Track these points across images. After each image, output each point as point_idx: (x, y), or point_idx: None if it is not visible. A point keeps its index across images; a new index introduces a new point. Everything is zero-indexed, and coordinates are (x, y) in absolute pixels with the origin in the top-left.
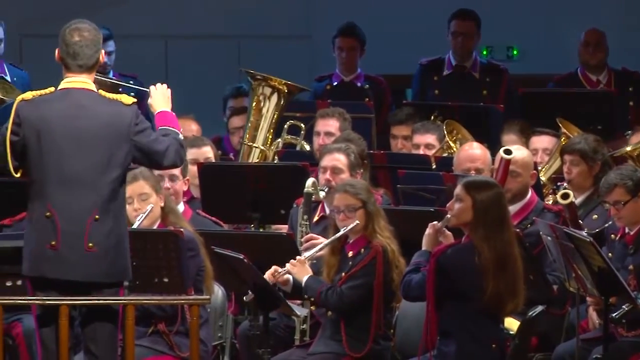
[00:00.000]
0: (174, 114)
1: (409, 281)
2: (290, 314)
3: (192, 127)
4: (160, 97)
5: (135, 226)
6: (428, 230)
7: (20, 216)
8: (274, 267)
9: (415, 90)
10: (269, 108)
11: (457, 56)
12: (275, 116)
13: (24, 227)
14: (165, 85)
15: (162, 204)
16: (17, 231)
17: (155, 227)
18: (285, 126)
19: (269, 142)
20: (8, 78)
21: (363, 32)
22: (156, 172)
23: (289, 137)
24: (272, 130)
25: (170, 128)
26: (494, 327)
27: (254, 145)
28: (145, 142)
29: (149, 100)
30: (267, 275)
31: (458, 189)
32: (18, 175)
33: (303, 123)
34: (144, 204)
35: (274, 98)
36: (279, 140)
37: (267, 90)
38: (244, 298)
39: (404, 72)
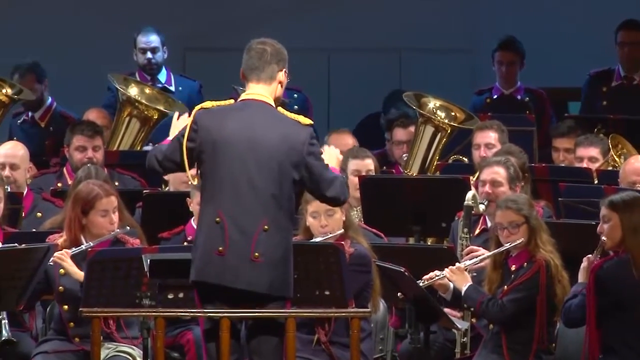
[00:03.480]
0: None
1: (569, 306)
2: (450, 327)
3: (347, 141)
4: (331, 157)
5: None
6: (583, 264)
7: (178, 229)
8: (433, 272)
9: (583, 100)
10: (432, 145)
11: (624, 67)
12: (437, 151)
13: (182, 240)
14: (338, 150)
15: (344, 218)
16: (176, 244)
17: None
18: (450, 160)
19: (430, 172)
20: (173, 88)
21: (522, 46)
22: None
23: None
24: (434, 162)
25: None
26: None
27: (416, 176)
28: (317, 165)
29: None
30: (425, 277)
31: (603, 210)
32: (195, 182)
33: (464, 137)
34: (330, 219)
35: (438, 137)
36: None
37: (430, 130)
38: (398, 294)
39: (566, 84)
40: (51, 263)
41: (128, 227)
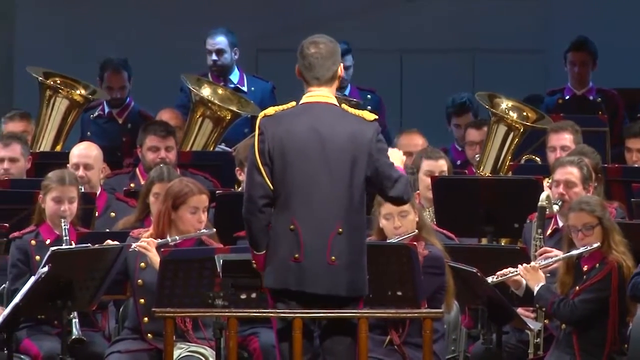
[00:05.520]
0: None
1: (638, 283)
2: (523, 327)
3: (417, 142)
4: (395, 158)
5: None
6: None
7: None
8: (507, 269)
9: None
10: (504, 145)
11: None
12: (509, 151)
13: None
14: (401, 152)
15: (417, 219)
16: None
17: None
18: (522, 161)
19: (503, 172)
20: (245, 88)
21: (595, 46)
22: None
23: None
24: (506, 162)
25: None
26: None
27: (487, 175)
28: (382, 162)
29: None
30: (498, 273)
31: None
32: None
33: (537, 137)
34: (404, 220)
35: (510, 136)
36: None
37: (503, 129)
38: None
39: (638, 85)
40: (136, 249)
41: (214, 230)
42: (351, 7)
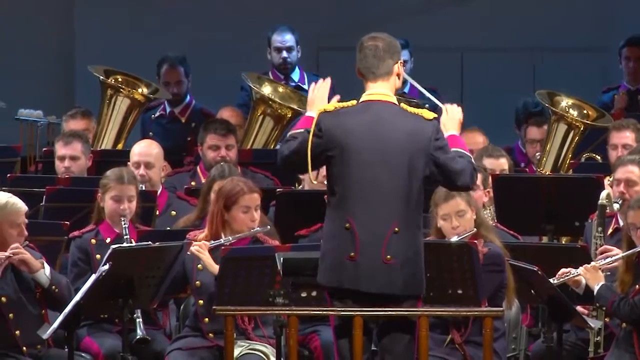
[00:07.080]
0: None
1: None
2: (584, 326)
3: (478, 140)
4: (452, 120)
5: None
6: None
7: (315, 227)
8: (567, 269)
9: None
10: (564, 143)
11: None
12: (570, 149)
13: (319, 238)
14: (460, 108)
15: (475, 217)
16: (312, 242)
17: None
18: (583, 159)
19: (563, 170)
20: (306, 86)
21: None
22: None
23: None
24: (567, 160)
25: (464, 151)
26: None
27: (548, 174)
28: (443, 158)
29: (442, 118)
30: (559, 273)
31: None
32: (316, 182)
33: (597, 135)
34: (461, 220)
35: (571, 134)
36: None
37: (563, 127)
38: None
39: None
40: (188, 253)
41: (269, 227)
42: (412, 5)
